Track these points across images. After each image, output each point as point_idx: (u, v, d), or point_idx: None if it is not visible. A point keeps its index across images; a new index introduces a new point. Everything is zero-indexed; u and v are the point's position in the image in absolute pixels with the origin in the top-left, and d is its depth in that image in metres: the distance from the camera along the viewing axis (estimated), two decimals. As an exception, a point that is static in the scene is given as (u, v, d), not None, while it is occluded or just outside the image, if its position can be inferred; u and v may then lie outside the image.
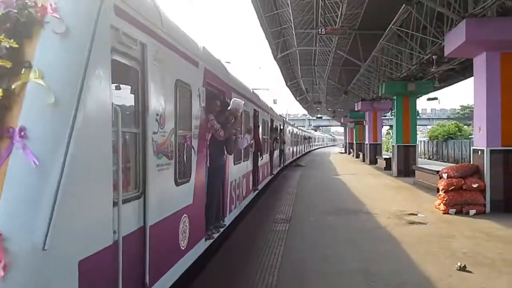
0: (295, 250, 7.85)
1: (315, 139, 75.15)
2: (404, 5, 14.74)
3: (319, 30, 16.70)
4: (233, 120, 6.83)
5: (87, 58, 2.80)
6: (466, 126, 58.85)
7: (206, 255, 6.14)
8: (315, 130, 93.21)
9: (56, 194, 2.47)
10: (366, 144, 33.61)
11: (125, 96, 3.70)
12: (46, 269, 2.42)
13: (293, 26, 20.77)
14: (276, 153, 17.82)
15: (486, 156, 11.49)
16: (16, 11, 2.68)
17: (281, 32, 24.23)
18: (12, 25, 2.66)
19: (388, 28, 17.43)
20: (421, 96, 26.16)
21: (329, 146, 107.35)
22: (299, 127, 44.03)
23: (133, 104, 3.74)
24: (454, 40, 11.95)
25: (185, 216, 4.99)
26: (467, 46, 11.58)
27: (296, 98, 54.05)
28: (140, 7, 3.79)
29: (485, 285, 6.01)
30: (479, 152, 11.89)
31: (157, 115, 4.06)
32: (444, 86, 27.59)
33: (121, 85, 3.70)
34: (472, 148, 12.86)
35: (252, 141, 10.31)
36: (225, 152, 6.88)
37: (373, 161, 31.43)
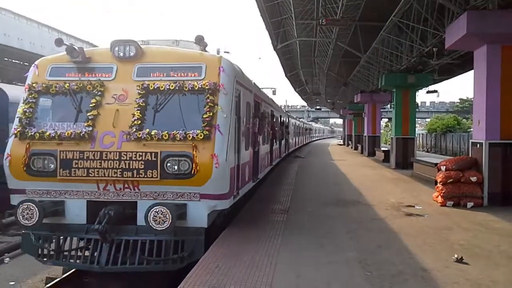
0: (293, 240, 7.88)
1: (315, 130, 75.89)
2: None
3: (320, 20, 16.60)
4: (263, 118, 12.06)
5: (232, 101, 7.74)
6: (464, 120, 58.93)
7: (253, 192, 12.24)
8: (316, 122, 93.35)
9: (227, 145, 7.30)
10: (365, 136, 33.61)
11: (235, 111, 8.19)
12: (225, 167, 7.25)
13: (293, 16, 20.62)
14: (283, 142, 21.98)
15: (485, 149, 11.50)
16: (212, 86, 7.41)
17: (281, 23, 24.05)
18: (211, 91, 7.40)
19: (389, 20, 17.34)
20: (420, 88, 26.13)
21: (328, 137, 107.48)
22: (299, 119, 44.92)
23: (236, 113, 8.19)
24: (455, 32, 11.90)
25: (247, 166, 9.90)
26: (468, 39, 11.54)
27: (295, 90, 53.87)
28: (238, 75, 8.55)
29: (482, 277, 6.04)
30: (478, 145, 11.90)
31: (245, 116, 9.36)
32: (444, 79, 27.56)
33: None
34: (470, 141, 12.87)
35: (270, 131, 15.14)
36: (259, 137, 11.68)
37: (372, 153, 31.48)
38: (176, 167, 7.09)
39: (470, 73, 15.21)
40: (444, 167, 12.02)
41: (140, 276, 7.55)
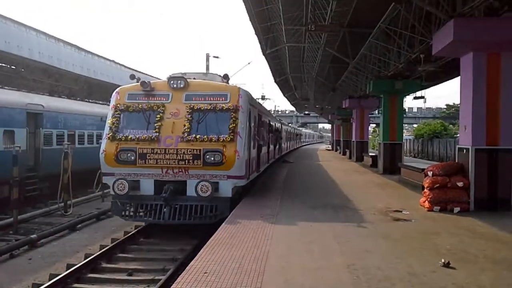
0: (281, 245, 7.89)
1: (305, 136, 77.12)
2: (393, 3, 14.82)
3: (309, 26, 16.71)
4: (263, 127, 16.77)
5: (247, 116, 11.79)
6: (451, 125, 59.57)
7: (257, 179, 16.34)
8: (306, 128, 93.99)
9: (244, 145, 11.33)
10: (353, 141, 33.73)
11: (248, 123, 12.02)
12: (243, 159, 11.30)
13: (282, 22, 20.73)
14: (277, 146, 25.96)
15: (471, 155, 11.63)
16: (234, 107, 11.40)
17: (271, 28, 24.17)
18: (234, 110, 11.38)
19: (377, 26, 17.51)
20: (408, 94, 26.34)
21: (317, 143, 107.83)
22: (290, 124, 45.85)
23: (248, 124, 12.01)
24: (442, 39, 12.05)
25: (254, 160, 13.84)
26: (454, 46, 11.69)
27: (284, 95, 54.09)
28: (250, 99, 12.80)
29: (468, 281, 6.09)
30: (464, 150, 12.03)
31: (253, 126, 13.26)
32: (431, 85, 27.86)
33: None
34: (457, 146, 13.00)
35: (268, 136, 19.23)
36: (261, 141, 15.67)
37: (360, 158, 31.59)
38: (212, 158, 10.92)
39: (457, 80, 15.42)
40: (431, 172, 12.12)
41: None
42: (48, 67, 27.81)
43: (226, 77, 13.09)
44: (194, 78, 12.47)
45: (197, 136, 11.01)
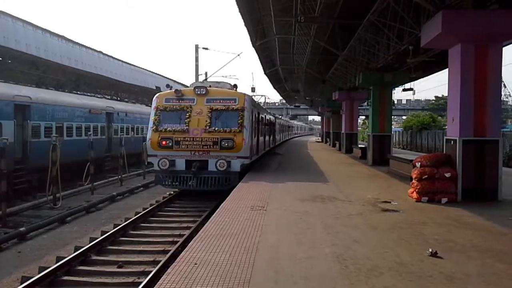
0: (271, 236, 7.93)
1: (296, 128, 78.28)
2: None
3: (298, 18, 16.68)
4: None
5: (250, 114, 16.41)
6: (440, 117, 59.97)
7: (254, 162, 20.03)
8: (296, 120, 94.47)
9: (248, 135, 15.87)
10: (343, 133, 33.87)
11: (251, 118, 16.63)
12: (248, 144, 15.68)
13: (272, 13, 20.62)
14: (272, 137, 30.62)
15: (459, 146, 11.75)
16: (242, 108, 15.79)
17: (260, 20, 24.04)
18: (241, 110, 15.78)
19: (366, 18, 17.52)
20: (397, 86, 26.49)
21: (307, 135, 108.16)
22: (282, 117, 46.65)
23: (251, 120, 16.59)
24: (431, 31, 12.11)
25: (255, 146, 18.52)
26: (442, 38, 11.75)
27: (274, 87, 53.95)
28: (252, 101, 18.31)
29: (455, 270, 6.18)
30: (452, 142, 12.15)
31: (254, 121, 17.85)
32: (420, 77, 27.97)
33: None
34: (445, 138, 13.11)
35: (264, 128, 23.58)
36: (259, 132, 20.34)
37: (349, 150, 31.76)
38: (226, 144, 15.09)
39: (445, 72, 15.45)
40: (419, 163, 12.23)
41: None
42: (35, 58, 27.43)
43: (235, 86, 18.27)
44: (210, 86, 16.70)
45: (216, 128, 15.28)
